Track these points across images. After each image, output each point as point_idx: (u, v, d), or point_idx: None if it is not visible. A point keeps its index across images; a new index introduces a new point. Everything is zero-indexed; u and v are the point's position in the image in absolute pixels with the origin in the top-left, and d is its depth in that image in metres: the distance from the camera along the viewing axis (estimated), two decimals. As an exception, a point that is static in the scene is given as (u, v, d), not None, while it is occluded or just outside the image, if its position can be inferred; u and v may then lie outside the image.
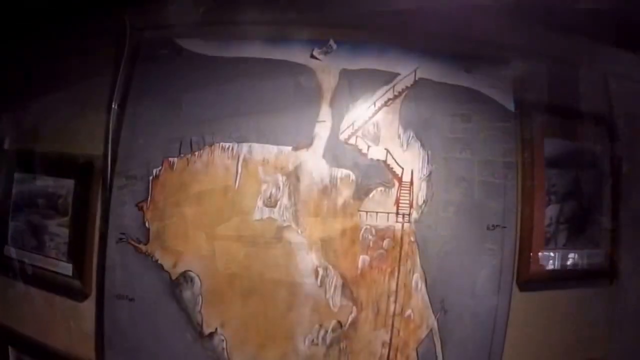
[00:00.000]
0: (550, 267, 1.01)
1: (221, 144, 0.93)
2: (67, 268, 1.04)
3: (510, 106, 0.97)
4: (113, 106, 0.99)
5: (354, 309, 0.91)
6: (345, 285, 0.91)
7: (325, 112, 0.93)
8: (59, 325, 1.08)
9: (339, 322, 0.92)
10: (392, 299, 0.92)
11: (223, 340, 0.93)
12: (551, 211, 1.01)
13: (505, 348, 1.00)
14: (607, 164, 1.08)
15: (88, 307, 1.04)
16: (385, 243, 0.91)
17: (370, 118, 0.93)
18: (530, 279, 0.99)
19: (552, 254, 1.01)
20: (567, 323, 1.07)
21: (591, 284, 1.07)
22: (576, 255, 1.04)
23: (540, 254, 1.00)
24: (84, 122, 1.03)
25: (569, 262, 1.03)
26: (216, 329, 0.93)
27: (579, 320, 1.08)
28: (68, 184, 1.04)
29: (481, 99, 0.96)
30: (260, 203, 0.91)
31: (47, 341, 1.10)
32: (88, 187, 1.00)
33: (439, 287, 0.93)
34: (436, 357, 0.95)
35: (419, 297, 0.93)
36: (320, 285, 0.91)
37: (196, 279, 0.92)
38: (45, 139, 1.06)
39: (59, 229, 1.05)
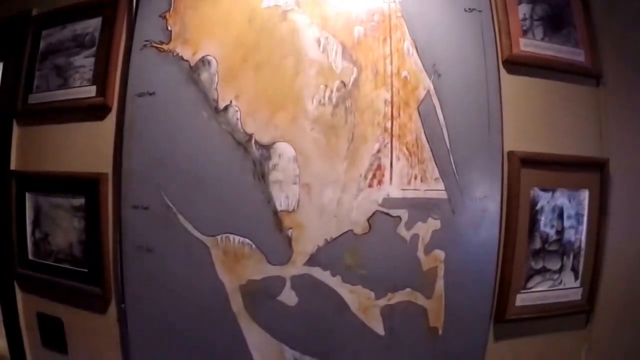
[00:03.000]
0: (532, 52, 1.12)
1: (232, -38, 1.11)
2: (90, 91, 1.14)
3: None
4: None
5: (355, 69, 1.02)
6: (345, 51, 1.02)
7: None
8: (77, 151, 1.15)
9: (343, 82, 1.01)
10: (387, 61, 1.03)
11: (237, 111, 1.01)
12: (524, 9, 1.15)
13: (504, 128, 1.08)
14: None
15: (108, 121, 1.11)
16: (376, 17, 1.05)
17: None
18: (514, 61, 1.11)
19: (531, 42, 1.13)
20: (558, 115, 1.16)
21: (576, 80, 1.18)
22: (556, 49, 1.15)
23: (520, 40, 1.12)
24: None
25: (549, 53, 1.14)
26: (230, 101, 1.01)
27: (570, 115, 1.17)
28: (95, 23, 1.18)
29: None
30: (267, -5, 1.06)
31: (63, 168, 1.15)
32: (114, 17, 1.15)
33: (429, 53, 1.05)
34: (437, 117, 1.03)
35: (412, 61, 1.04)
36: (323, 52, 1.02)
37: (213, 61, 1.03)
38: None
39: (85, 61, 1.17)
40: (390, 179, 1.00)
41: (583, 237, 1.16)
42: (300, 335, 1.05)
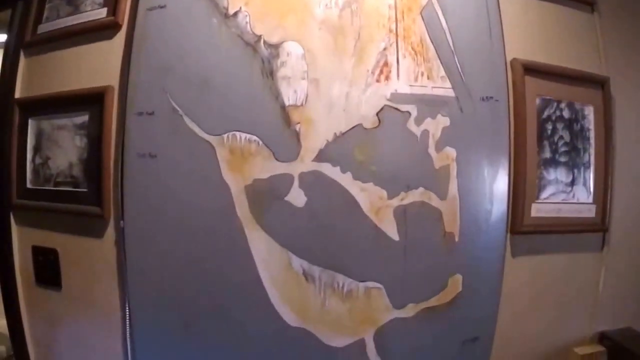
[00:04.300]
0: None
1: None
2: (101, 13, 1.16)
3: None
4: None
5: (359, -21, 1.06)
6: (349, -36, 1.07)
7: None
8: (84, 72, 1.15)
9: (348, -9, 1.05)
10: (390, -27, 1.07)
11: (247, 16, 1.03)
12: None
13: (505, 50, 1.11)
14: None
15: (117, 39, 1.13)
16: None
17: None
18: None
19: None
20: (557, 35, 1.20)
21: (572, 5, 1.22)
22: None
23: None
24: None
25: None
26: (240, 7, 1.04)
27: (568, 37, 1.21)
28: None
29: None
30: None
31: (71, 88, 1.14)
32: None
33: (428, -33, 1.10)
34: (440, 22, 1.06)
35: (413, -27, 1.09)
36: (328, -36, 1.07)
37: (223, -24, 1.07)
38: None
39: (97, -12, 1.20)
40: (397, 74, 1.01)
41: (592, 152, 1.15)
42: (309, 242, 1.00)
